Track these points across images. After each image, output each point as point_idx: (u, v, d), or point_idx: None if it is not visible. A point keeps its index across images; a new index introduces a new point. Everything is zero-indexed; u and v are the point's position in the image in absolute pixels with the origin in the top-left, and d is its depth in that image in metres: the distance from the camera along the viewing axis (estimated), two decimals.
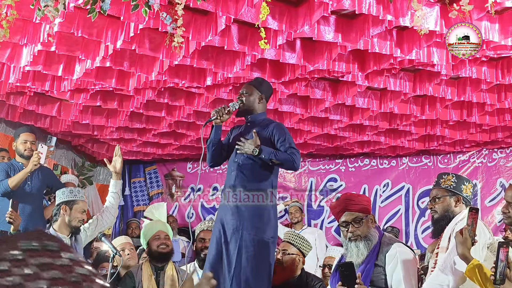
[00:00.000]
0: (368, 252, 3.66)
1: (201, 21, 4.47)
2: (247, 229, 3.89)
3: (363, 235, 3.70)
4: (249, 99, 4.17)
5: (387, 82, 5.66)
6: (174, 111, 6.75)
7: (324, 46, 4.90)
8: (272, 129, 4.06)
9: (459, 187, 3.58)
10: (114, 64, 5.12)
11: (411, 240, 8.33)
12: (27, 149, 5.52)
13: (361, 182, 8.90)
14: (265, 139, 4.04)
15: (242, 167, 4.04)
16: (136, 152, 8.97)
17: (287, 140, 4.00)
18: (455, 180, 3.60)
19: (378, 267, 3.62)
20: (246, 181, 4.01)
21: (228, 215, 3.99)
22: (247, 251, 3.86)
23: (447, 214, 3.56)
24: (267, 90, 4.29)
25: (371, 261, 3.64)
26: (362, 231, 3.71)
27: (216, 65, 5.18)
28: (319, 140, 7.87)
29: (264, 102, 4.25)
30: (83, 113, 6.83)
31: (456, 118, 6.62)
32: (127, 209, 9.86)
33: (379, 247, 3.68)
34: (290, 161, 3.92)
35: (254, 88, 4.20)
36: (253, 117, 4.20)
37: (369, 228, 3.73)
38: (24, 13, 4.31)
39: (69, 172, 8.48)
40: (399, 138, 7.64)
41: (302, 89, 5.87)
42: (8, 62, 5.17)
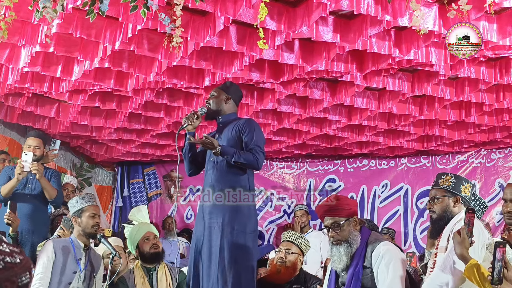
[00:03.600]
0: (349, 256, 3.68)
1: (199, 22, 4.47)
2: (228, 225, 3.92)
3: (344, 239, 3.71)
4: (216, 100, 4.25)
5: (386, 82, 5.66)
6: (173, 112, 6.75)
7: (323, 46, 4.90)
8: (242, 125, 4.11)
9: (457, 187, 3.58)
10: (113, 65, 5.12)
11: (410, 241, 8.33)
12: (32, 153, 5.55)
13: (360, 183, 8.89)
14: (233, 138, 4.09)
15: (218, 165, 4.08)
16: (135, 153, 8.96)
17: (254, 138, 4.04)
18: (453, 180, 3.60)
19: (366, 268, 3.63)
20: (223, 179, 4.04)
21: (208, 213, 4.03)
22: (229, 246, 3.88)
23: (446, 215, 3.56)
24: (235, 92, 4.35)
25: (359, 264, 3.65)
26: (342, 236, 3.71)
27: (215, 66, 5.19)
28: (317, 140, 7.87)
29: (232, 102, 4.31)
30: (81, 114, 6.83)
31: (455, 118, 6.62)
32: (125, 210, 9.83)
33: (366, 249, 3.69)
34: (253, 161, 3.97)
35: (221, 90, 4.30)
36: (224, 118, 4.27)
37: (350, 232, 3.73)
38: (23, 14, 4.30)
39: (67, 173, 8.47)
40: (398, 139, 7.64)
41: (301, 89, 5.87)
42: (6, 63, 5.17)
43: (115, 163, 9.95)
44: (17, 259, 1.04)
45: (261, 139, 4.10)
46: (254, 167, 4.05)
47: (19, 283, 1.03)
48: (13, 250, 1.06)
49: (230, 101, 4.28)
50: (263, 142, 4.12)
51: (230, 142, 4.07)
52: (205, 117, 4.34)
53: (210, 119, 4.37)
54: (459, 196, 3.56)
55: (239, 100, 4.47)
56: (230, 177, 4.03)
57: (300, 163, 9.21)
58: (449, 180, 3.62)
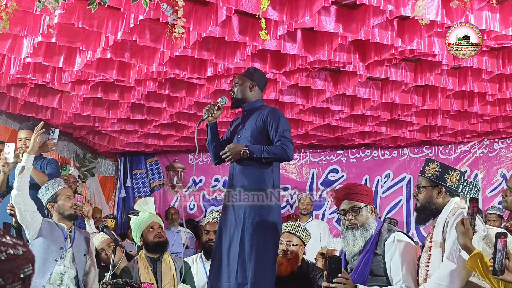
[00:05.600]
0: (364, 241, 3.68)
1: (201, 12, 4.46)
2: (249, 217, 3.89)
3: (360, 224, 3.72)
4: (240, 88, 4.17)
5: (388, 72, 5.65)
6: (175, 102, 6.75)
7: (325, 36, 4.89)
8: (267, 115, 4.03)
9: (442, 177, 3.55)
10: (115, 56, 5.12)
11: (412, 231, 8.34)
12: (23, 146, 5.53)
13: (362, 173, 8.91)
14: (257, 129, 4.03)
15: (242, 163, 4.01)
16: (138, 144, 8.98)
17: (280, 128, 3.96)
18: (439, 169, 3.57)
19: (377, 255, 3.64)
20: (247, 171, 3.98)
21: (231, 206, 3.99)
22: (250, 239, 3.86)
23: (429, 206, 3.54)
24: (259, 78, 4.26)
25: (371, 249, 3.66)
26: (359, 220, 3.73)
27: (217, 56, 5.18)
28: (320, 131, 7.87)
29: (258, 89, 4.23)
30: (84, 105, 6.84)
31: (457, 108, 6.61)
32: (128, 200, 9.88)
33: (378, 236, 3.70)
34: (282, 153, 3.90)
35: (245, 77, 4.21)
36: (249, 105, 4.19)
37: (368, 218, 3.74)
38: (24, 4, 4.29)
39: (70, 164, 8.49)
40: (400, 129, 7.64)
41: (303, 79, 5.87)
42: (8, 53, 5.17)
43: (118, 153, 9.97)
44: (20, 251, 1.06)
45: (287, 129, 4.01)
46: (285, 159, 3.99)
47: (21, 274, 1.04)
48: (16, 242, 1.08)
49: (255, 88, 4.19)
50: (289, 130, 4.03)
51: (254, 132, 4.01)
52: (231, 106, 4.29)
53: (236, 107, 4.29)
54: (442, 186, 3.54)
55: (264, 86, 4.39)
56: (254, 170, 3.97)
57: (302, 153, 9.22)
58: (434, 168, 3.59)
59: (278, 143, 3.91)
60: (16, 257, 1.04)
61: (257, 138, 4.00)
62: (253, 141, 3.98)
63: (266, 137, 4.00)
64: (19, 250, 1.06)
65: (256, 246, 3.83)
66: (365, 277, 3.63)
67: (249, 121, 4.08)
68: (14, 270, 1.02)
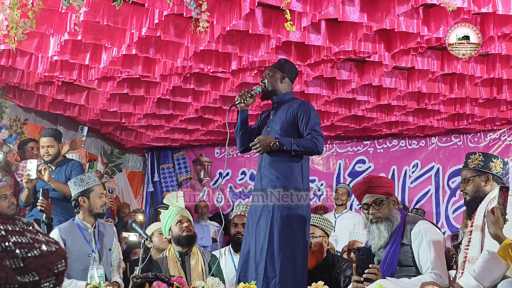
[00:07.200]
0: (390, 233, 3.67)
1: (225, 6, 4.46)
2: (278, 209, 3.88)
3: (384, 217, 3.71)
4: (271, 80, 4.16)
5: (415, 61, 5.59)
6: (201, 97, 6.77)
7: (350, 26, 4.85)
8: (297, 109, 4.01)
9: (487, 165, 3.55)
10: (140, 52, 5.14)
11: (442, 220, 8.25)
12: (45, 154, 5.68)
13: (390, 163, 8.83)
14: (286, 122, 4.01)
15: (271, 156, 4.00)
16: (164, 139, 9.04)
17: (310, 121, 3.94)
18: (482, 158, 3.57)
19: (405, 245, 3.63)
20: (276, 163, 3.97)
21: (260, 203, 3.99)
22: (279, 231, 3.85)
23: (478, 195, 3.54)
24: (290, 70, 4.25)
25: (397, 240, 3.65)
26: (383, 213, 3.72)
27: (241, 49, 5.17)
28: (346, 121, 7.83)
29: (288, 81, 4.21)
30: (110, 101, 6.89)
31: (486, 95, 6.51)
32: (156, 195, 9.96)
33: (404, 227, 3.68)
34: (312, 147, 3.88)
35: (276, 69, 4.19)
36: (279, 98, 4.18)
37: (391, 209, 3.73)
38: (50, 3, 4.35)
39: (98, 160, 8.58)
40: (428, 118, 7.56)
41: (328, 70, 5.83)
42: (35, 52, 5.23)
43: (145, 148, 10.05)
44: (53, 247, 1.10)
45: (317, 122, 4.00)
46: (315, 152, 4.00)
47: (55, 270, 1.07)
48: (49, 240, 1.12)
49: (285, 79, 4.18)
50: (319, 124, 4.03)
51: (284, 125, 4.01)
52: (261, 97, 4.29)
53: (266, 99, 4.29)
54: (489, 174, 3.53)
55: (295, 78, 4.37)
56: (283, 163, 3.96)
57: (329, 144, 9.16)
58: (477, 159, 3.59)
59: (308, 136, 3.89)
60: (50, 253, 1.07)
61: (287, 131, 3.99)
62: (282, 134, 3.98)
63: (296, 130, 3.99)
64: (52, 247, 1.09)
65: (284, 239, 3.83)
66: (394, 269, 3.62)
67: (279, 114, 4.07)
68: (49, 266, 1.05)
